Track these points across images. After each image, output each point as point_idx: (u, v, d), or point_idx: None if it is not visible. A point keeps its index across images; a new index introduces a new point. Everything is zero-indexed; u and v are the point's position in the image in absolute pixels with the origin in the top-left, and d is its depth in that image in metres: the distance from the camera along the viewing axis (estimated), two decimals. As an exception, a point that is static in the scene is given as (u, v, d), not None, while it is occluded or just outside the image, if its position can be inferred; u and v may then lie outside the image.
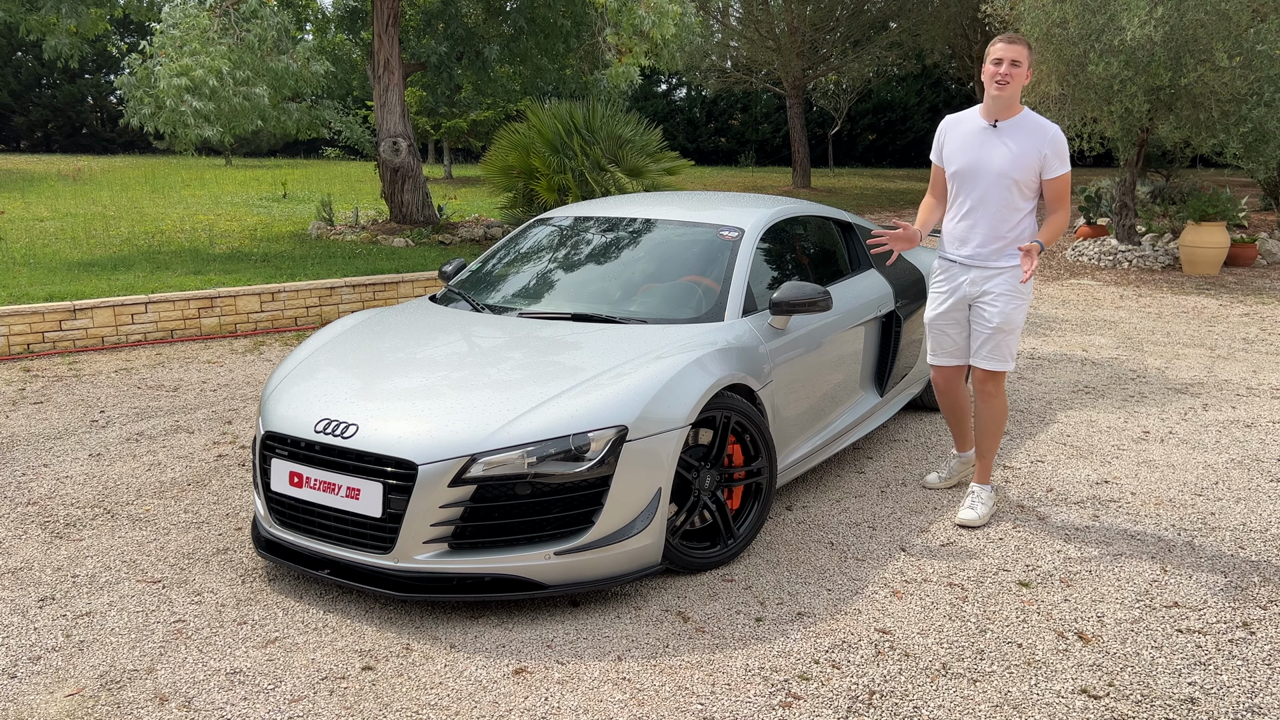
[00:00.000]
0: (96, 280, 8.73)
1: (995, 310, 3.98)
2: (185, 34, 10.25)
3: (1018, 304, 3.98)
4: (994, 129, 3.90)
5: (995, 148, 3.87)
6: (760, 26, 23.77)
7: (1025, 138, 3.85)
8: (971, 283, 4.02)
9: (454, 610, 3.33)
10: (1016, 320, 3.99)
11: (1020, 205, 3.91)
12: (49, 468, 4.84)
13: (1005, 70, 3.78)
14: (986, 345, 4.04)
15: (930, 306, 4.23)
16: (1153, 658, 3.11)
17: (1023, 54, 3.80)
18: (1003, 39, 3.82)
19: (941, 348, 4.21)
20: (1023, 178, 3.86)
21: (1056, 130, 3.85)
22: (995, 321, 3.98)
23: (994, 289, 3.97)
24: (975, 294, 4.03)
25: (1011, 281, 3.96)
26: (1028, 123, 3.88)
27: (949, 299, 4.11)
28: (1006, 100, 3.85)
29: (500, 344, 4.03)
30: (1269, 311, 9.16)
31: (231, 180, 23.65)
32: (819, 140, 32.05)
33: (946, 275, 4.13)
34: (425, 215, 13.45)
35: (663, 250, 4.65)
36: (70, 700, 2.86)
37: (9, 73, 36.42)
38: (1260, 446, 5.19)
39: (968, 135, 3.97)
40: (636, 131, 11.47)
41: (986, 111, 3.93)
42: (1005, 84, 3.79)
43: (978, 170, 3.92)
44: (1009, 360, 4.06)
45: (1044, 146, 3.83)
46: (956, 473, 4.51)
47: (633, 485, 3.33)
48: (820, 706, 2.84)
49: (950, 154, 4.02)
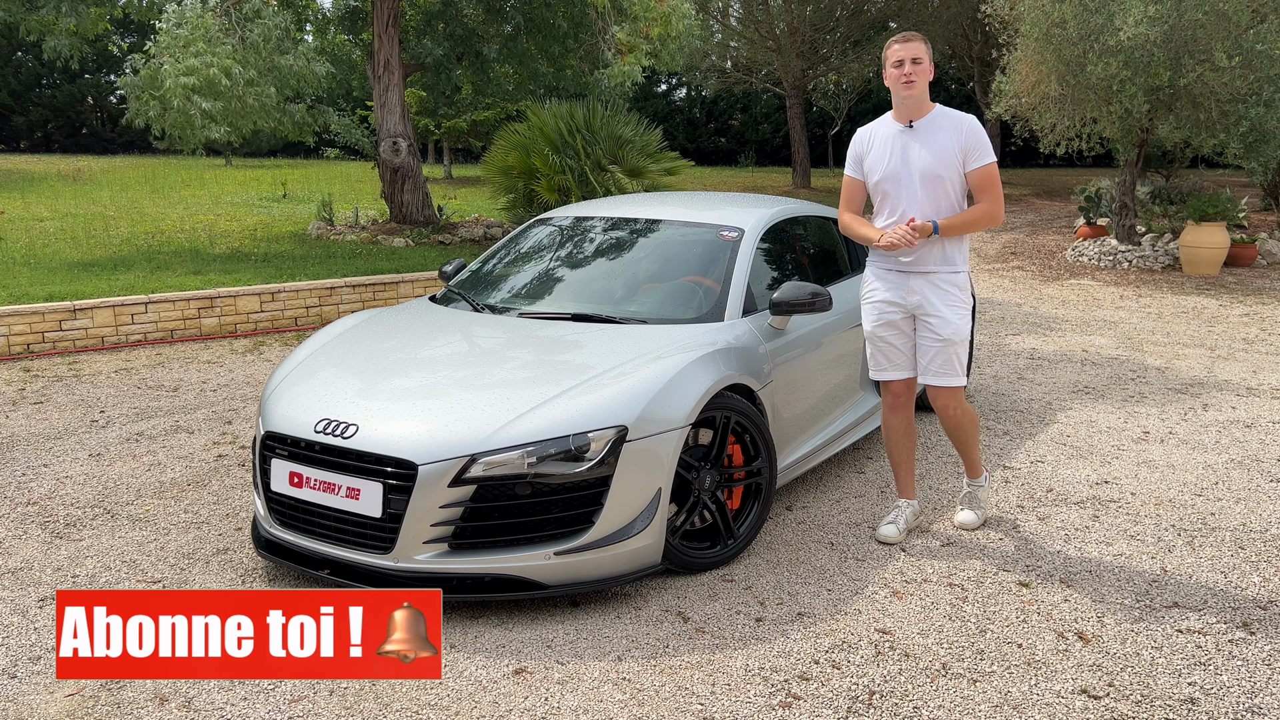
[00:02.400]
0: (96, 280, 8.73)
1: (940, 321, 3.78)
2: (190, 34, 10.25)
3: (963, 312, 3.81)
4: (910, 130, 3.79)
5: (914, 149, 3.76)
6: (760, 26, 23.79)
7: (942, 133, 3.74)
8: (913, 292, 3.82)
9: (454, 610, 3.33)
10: (964, 331, 3.81)
11: (951, 204, 3.76)
12: (49, 468, 4.84)
13: (909, 70, 3.71)
14: (937, 360, 3.83)
15: (868, 319, 3.96)
16: (1153, 658, 3.11)
17: (921, 50, 3.72)
18: (898, 39, 3.75)
19: (888, 360, 3.93)
20: (947, 174, 3.72)
21: (972, 121, 3.75)
22: (944, 333, 3.79)
23: (937, 299, 3.79)
24: (917, 304, 3.82)
25: (953, 290, 3.80)
26: (943, 118, 3.78)
27: (890, 309, 3.88)
28: (917, 99, 3.76)
29: (500, 344, 4.03)
30: (1269, 311, 9.16)
31: (231, 180, 23.65)
32: (819, 140, 32.06)
33: (885, 284, 3.89)
34: (425, 215, 13.45)
35: (663, 250, 4.65)
36: (70, 700, 2.86)
37: (9, 73, 36.43)
38: (1260, 446, 5.19)
39: (886, 141, 3.84)
40: (637, 132, 11.47)
41: (899, 114, 3.83)
42: (912, 83, 3.72)
43: (901, 174, 3.78)
44: (962, 374, 3.86)
45: (961, 139, 3.72)
46: (912, 521, 4.12)
47: (633, 485, 3.33)
48: (820, 706, 2.84)
49: (872, 164, 3.87)
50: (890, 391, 3.99)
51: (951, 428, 3.98)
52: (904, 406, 3.99)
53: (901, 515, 4.06)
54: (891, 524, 4.02)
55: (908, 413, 4.00)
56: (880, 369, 3.97)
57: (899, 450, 4.06)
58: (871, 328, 3.95)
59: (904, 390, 3.97)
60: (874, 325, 3.93)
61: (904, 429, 4.01)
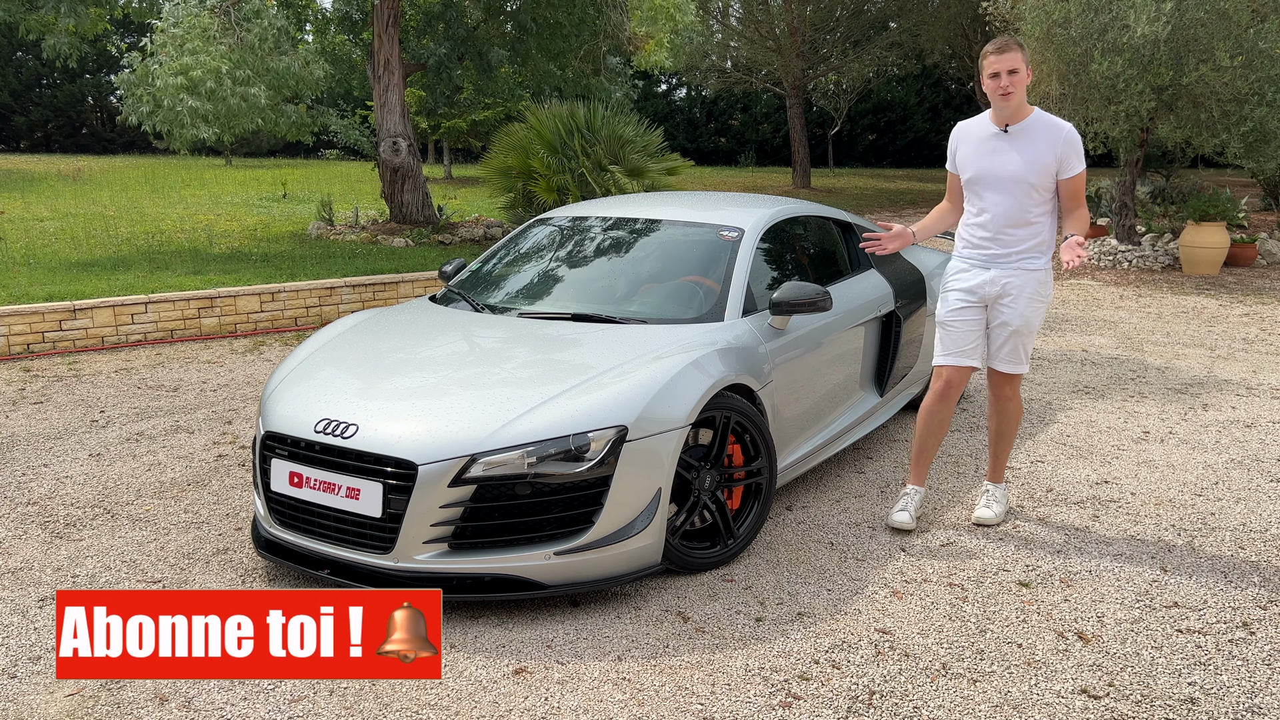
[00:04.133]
0: (96, 280, 8.73)
1: (1014, 312, 3.93)
2: (186, 33, 10.25)
3: (1037, 306, 3.95)
4: (1005, 134, 3.86)
5: (1008, 153, 3.83)
6: (760, 26, 23.78)
7: (1039, 140, 3.80)
8: (991, 283, 3.95)
9: (454, 610, 3.33)
10: (1035, 323, 3.97)
11: (1037, 207, 3.87)
12: (49, 468, 4.84)
13: (1006, 82, 3.75)
14: (1005, 347, 3.99)
15: (944, 305, 4.09)
16: (1153, 658, 3.11)
17: (1018, 59, 3.74)
18: (994, 49, 3.77)
19: (956, 346, 4.04)
20: (1038, 181, 3.81)
21: (1070, 129, 3.80)
22: (1015, 324, 3.93)
23: (1013, 290, 3.92)
24: (994, 294, 3.96)
25: (1032, 283, 3.92)
26: (1039, 124, 3.83)
27: (967, 298, 4.00)
28: (1014, 106, 3.82)
29: (500, 344, 4.03)
30: (1269, 311, 9.16)
31: (231, 180, 23.65)
32: (819, 140, 32.05)
33: (968, 274, 4.02)
34: (425, 215, 13.44)
35: (663, 250, 4.65)
36: (70, 700, 2.86)
37: (9, 73, 36.40)
38: (1260, 446, 5.19)
39: (979, 142, 3.93)
40: (637, 132, 11.46)
41: (996, 117, 3.89)
42: (1009, 95, 3.77)
43: (991, 176, 3.88)
44: (1025, 362, 4.03)
45: (1058, 147, 3.78)
46: (920, 509, 4.24)
47: (633, 485, 3.33)
48: (820, 706, 2.84)
49: (963, 162, 3.99)
50: (943, 379, 4.07)
51: (1000, 416, 4.13)
52: (951, 398, 4.09)
53: (912, 502, 4.16)
54: (904, 511, 4.11)
55: (951, 405, 4.11)
56: (947, 354, 4.06)
57: (929, 439, 4.15)
58: (946, 313, 4.06)
59: (957, 380, 4.06)
60: (949, 311, 4.05)
61: (942, 419, 4.12)
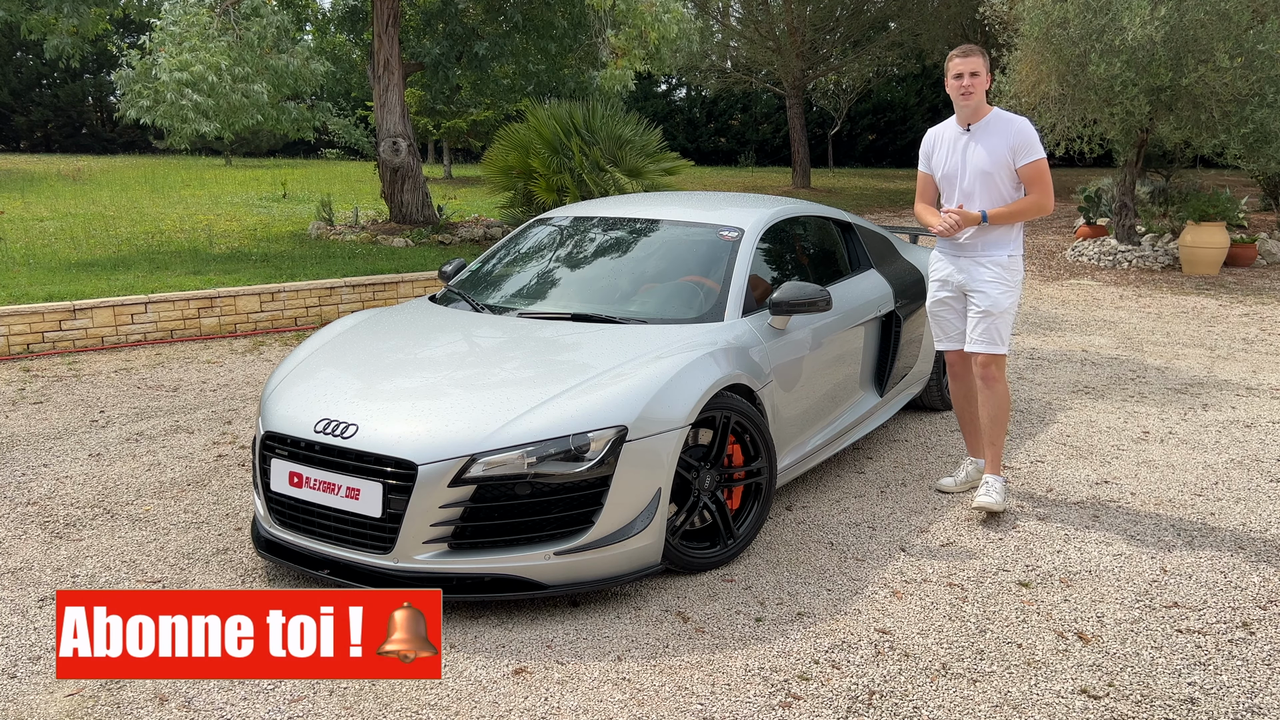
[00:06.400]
0: (96, 280, 8.73)
1: (982, 295, 4.26)
2: (185, 30, 10.25)
3: (1004, 289, 4.24)
4: (968, 133, 4.28)
5: (973, 149, 4.25)
6: (760, 27, 23.76)
7: (996, 135, 4.20)
8: (960, 270, 4.33)
9: (454, 610, 3.33)
10: (1003, 304, 4.24)
11: (1003, 197, 4.22)
12: (49, 468, 4.84)
13: (967, 83, 4.17)
14: (978, 328, 4.28)
15: (929, 295, 4.53)
16: (1153, 658, 3.11)
17: (979, 64, 4.16)
18: (959, 54, 4.19)
19: (944, 332, 4.50)
20: (999, 172, 4.19)
21: (1023, 121, 4.19)
22: (983, 305, 4.25)
23: (982, 275, 4.27)
24: (964, 281, 4.32)
25: (996, 269, 4.25)
26: (997, 121, 4.23)
27: (944, 287, 4.43)
28: (974, 106, 4.22)
29: (500, 344, 4.03)
30: (1269, 311, 9.16)
31: (231, 180, 23.64)
32: (819, 140, 32.03)
33: (941, 264, 4.45)
34: (425, 215, 13.44)
35: (663, 250, 4.65)
36: (70, 700, 2.86)
37: (9, 72, 36.39)
38: (1260, 446, 5.19)
39: (950, 142, 4.36)
40: (636, 132, 11.46)
41: (960, 119, 4.32)
42: (969, 94, 4.18)
43: (960, 171, 4.29)
44: (1001, 343, 4.27)
45: (1012, 138, 4.16)
46: (972, 478, 4.56)
47: (632, 485, 3.33)
48: (820, 706, 2.84)
49: (938, 162, 4.41)
50: (948, 362, 4.57)
51: (989, 400, 4.33)
52: (961, 375, 4.52)
53: (963, 470, 4.59)
54: (950, 477, 4.61)
55: (967, 380, 4.50)
56: (939, 340, 4.55)
57: (964, 413, 4.58)
58: (930, 302, 4.53)
59: (958, 361, 4.51)
60: (933, 300, 4.51)
61: (965, 394, 4.53)
